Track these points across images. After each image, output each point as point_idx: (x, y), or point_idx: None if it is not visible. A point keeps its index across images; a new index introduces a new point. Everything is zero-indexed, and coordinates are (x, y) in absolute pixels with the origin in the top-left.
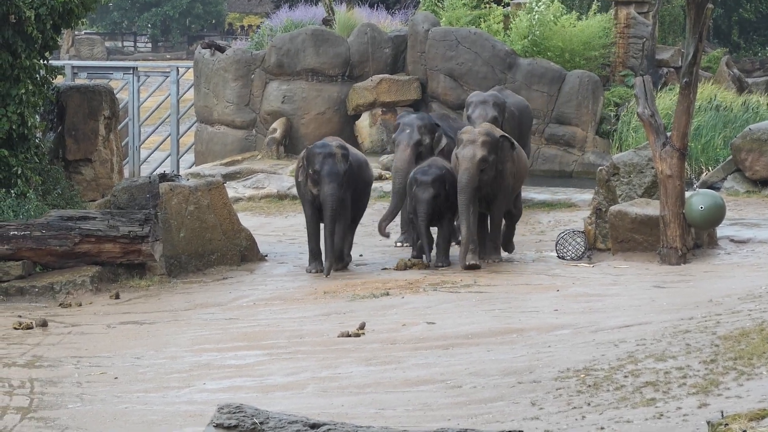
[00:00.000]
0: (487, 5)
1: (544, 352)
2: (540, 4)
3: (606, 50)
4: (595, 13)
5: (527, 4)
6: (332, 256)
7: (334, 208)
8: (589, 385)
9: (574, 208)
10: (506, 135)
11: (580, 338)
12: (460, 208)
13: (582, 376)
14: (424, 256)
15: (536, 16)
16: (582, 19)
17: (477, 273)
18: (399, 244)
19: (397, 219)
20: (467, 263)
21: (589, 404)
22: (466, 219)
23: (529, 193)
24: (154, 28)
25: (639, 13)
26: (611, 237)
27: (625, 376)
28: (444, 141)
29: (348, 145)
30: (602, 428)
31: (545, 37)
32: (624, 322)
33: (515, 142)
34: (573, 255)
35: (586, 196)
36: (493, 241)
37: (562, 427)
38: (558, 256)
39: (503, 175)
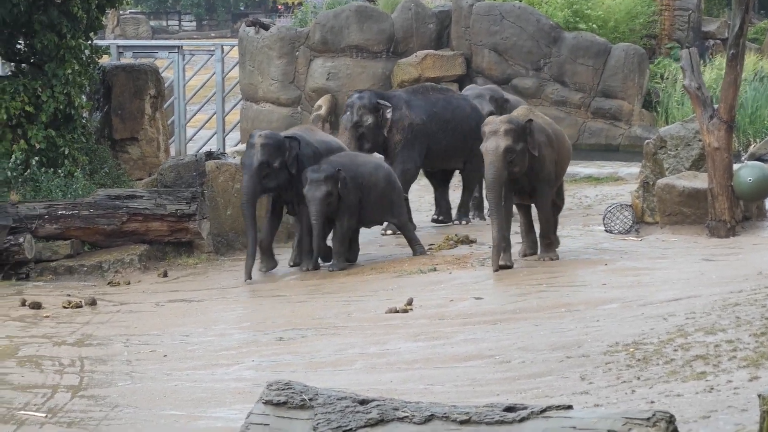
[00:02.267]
0: None
1: (593, 326)
2: None
3: (650, 20)
4: None
5: None
6: (251, 254)
7: (243, 201)
8: (639, 359)
9: (621, 182)
10: (533, 119)
11: (629, 312)
12: (489, 205)
13: (631, 350)
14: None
15: None
16: None
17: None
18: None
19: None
20: (499, 264)
21: (638, 378)
22: (497, 218)
23: (575, 167)
24: (199, 7)
25: None
26: (659, 210)
27: (675, 350)
28: (388, 117)
29: (301, 136)
30: (652, 402)
31: (588, 7)
32: (673, 295)
33: (554, 125)
34: (620, 229)
35: (633, 169)
36: (546, 238)
37: (611, 401)
38: (605, 230)
39: (542, 162)
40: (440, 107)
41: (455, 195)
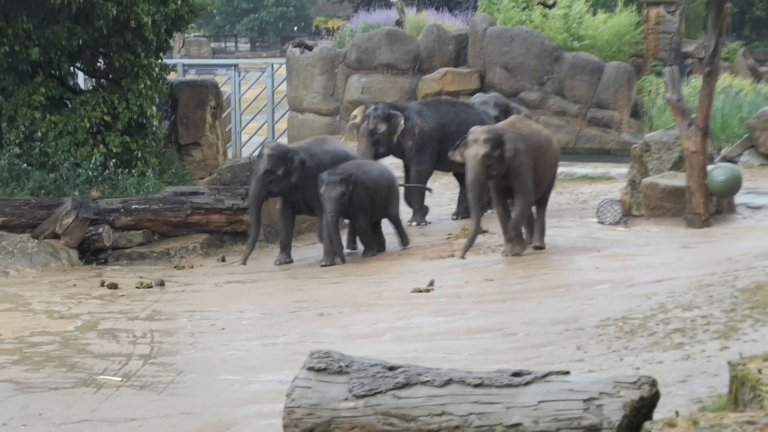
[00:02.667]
0: (535, 7)
1: (587, 303)
2: (569, 4)
3: (635, 41)
4: (620, 10)
5: (560, 2)
6: (250, 244)
7: (249, 203)
8: (626, 332)
9: (612, 181)
10: (512, 129)
11: (618, 292)
12: (470, 205)
13: (620, 324)
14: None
15: (569, 12)
16: (611, 17)
17: (529, 236)
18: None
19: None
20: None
21: (626, 348)
22: (475, 216)
23: (573, 167)
24: (252, 31)
25: (667, 12)
26: (644, 205)
27: (657, 324)
28: (400, 126)
29: (306, 148)
30: (638, 368)
31: (579, 31)
32: (655, 277)
33: (541, 132)
34: (611, 221)
35: (622, 170)
36: (514, 230)
37: (603, 367)
38: (598, 222)
39: (519, 168)
40: (448, 118)
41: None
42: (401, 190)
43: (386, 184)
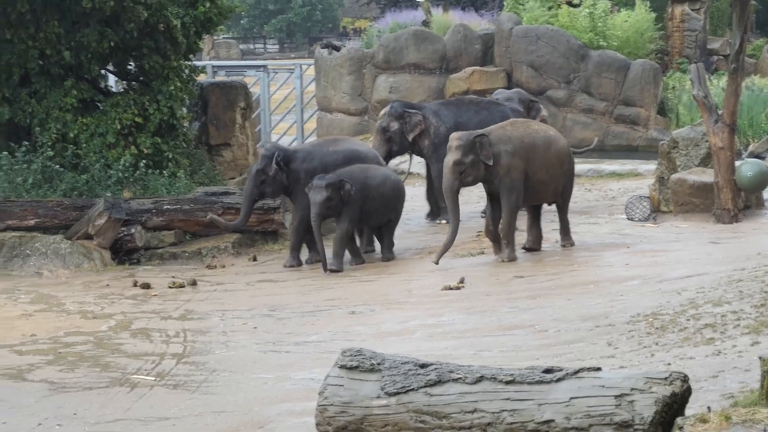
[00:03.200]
0: (560, 6)
1: (618, 300)
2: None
3: (658, 37)
4: (639, 8)
5: (585, 1)
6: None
7: (242, 202)
8: (657, 328)
9: (640, 177)
10: (485, 133)
11: (648, 288)
12: (449, 210)
13: (650, 320)
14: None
15: (594, 11)
16: (630, 15)
17: (558, 233)
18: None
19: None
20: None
21: (657, 344)
22: (451, 222)
23: (601, 165)
24: (281, 32)
25: (692, 10)
26: (672, 201)
27: (688, 320)
28: (417, 125)
29: (308, 150)
30: (669, 364)
31: (605, 29)
32: (685, 273)
33: (538, 134)
34: (640, 217)
35: (650, 166)
36: (504, 238)
37: (634, 363)
38: (627, 218)
39: (503, 171)
40: (466, 117)
41: None
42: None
43: (386, 191)
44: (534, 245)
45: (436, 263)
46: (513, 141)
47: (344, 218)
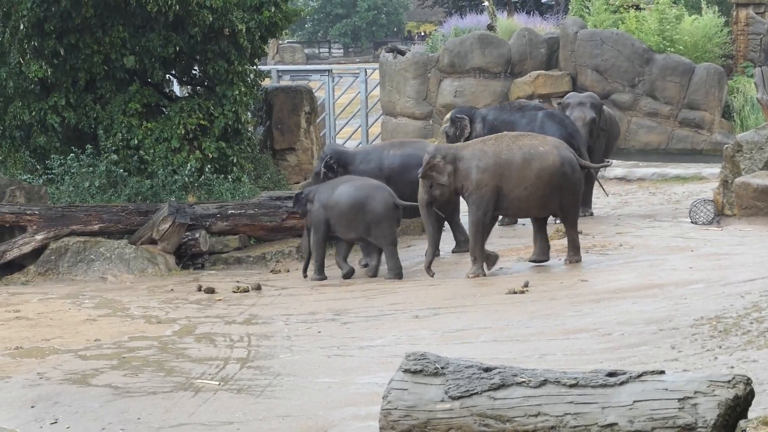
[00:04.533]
0: (626, 9)
1: (681, 303)
2: (665, 5)
3: (723, 43)
4: (706, 12)
5: (655, 5)
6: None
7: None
8: (720, 331)
9: (704, 181)
10: (444, 146)
11: (712, 291)
12: (424, 223)
13: (714, 323)
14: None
15: (665, 16)
16: (697, 19)
17: (623, 237)
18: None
19: None
20: (429, 273)
21: (720, 347)
22: (428, 235)
23: (665, 168)
24: (346, 37)
25: (756, 13)
26: (737, 204)
27: (751, 323)
28: (466, 129)
29: (365, 152)
30: (732, 367)
31: (673, 34)
32: (749, 276)
33: (518, 151)
34: (704, 220)
35: (715, 170)
36: (471, 254)
37: (698, 366)
38: (691, 222)
39: (469, 187)
40: (500, 121)
41: None
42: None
43: (351, 206)
44: (539, 257)
45: (431, 276)
46: (487, 157)
47: (312, 231)
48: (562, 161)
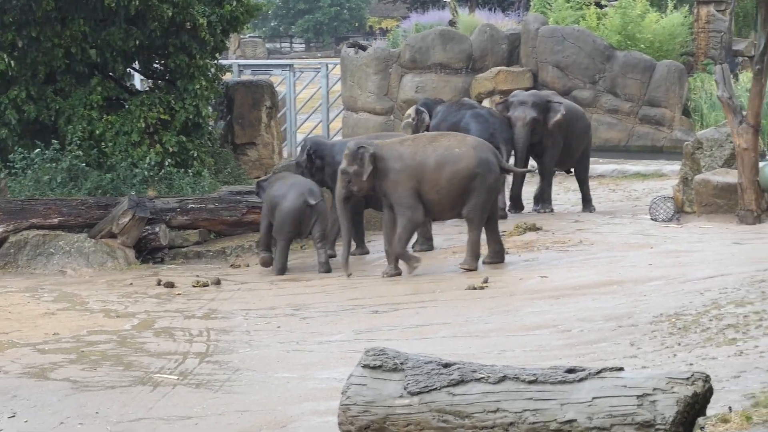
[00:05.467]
0: (587, 6)
1: (641, 300)
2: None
3: (686, 41)
4: (671, 10)
5: (618, 3)
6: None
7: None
8: (680, 328)
9: (665, 178)
10: (365, 142)
11: (671, 288)
12: (339, 219)
13: (673, 320)
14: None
15: (627, 12)
16: (663, 17)
17: (583, 234)
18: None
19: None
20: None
21: (679, 344)
22: (342, 230)
23: (625, 165)
24: (307, 32)
25: (717, 11)
26: (696, 201)
27: (710, 320)
28: (425, 121)
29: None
30: (691, 364)
31: (636, 32)
32: (708, 273)
33: (433, 152)
34: (664, 217)
35: (675, 167)
36: (393, 252)
37: (656, 363)
38: (651, 219)
39: (389, 187)
40: (439, 119)
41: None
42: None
43: (273, 201)
44: (493, 259)
45: (348, 276)
46: (403, 158)
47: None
48: (477, 163)
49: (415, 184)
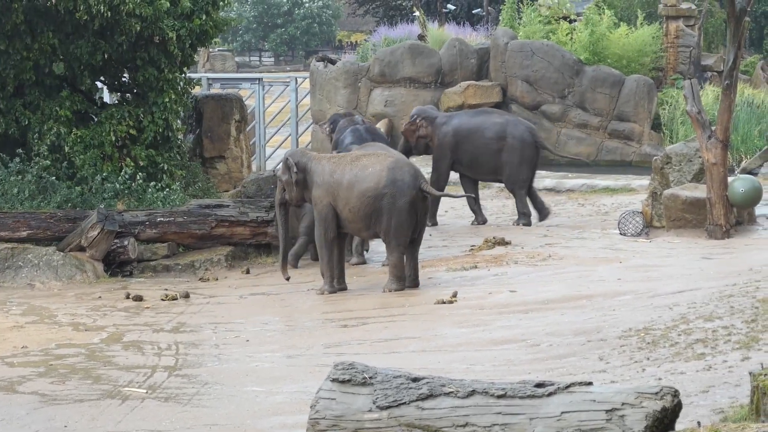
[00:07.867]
0: (557, 21)
1: (610, 314)
2: (595, 17)
3: (656, 56)
4: (641, 24)
5: (585, 17)
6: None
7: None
8: (648, 343)
9: (633, 192)
10: (300, 153)
11: (640, 302)
12: (276, 224)
13: (642, 334)
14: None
15: (594, 28)
16: (632, 31)
17: (552, 248)
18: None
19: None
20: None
21: (648, 359)
22: (279, 234)
23: (594, 179)
24: (282, 46)
25: (686, 26)
26: (665, 216)
27: (679, 335)
28: (331, 135)
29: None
30: (660, 379)
31: (604, 47)
32: (677, 288)
33: (352, 171)
34: (633, 232)
35: (644, 181)
36: (321, 271)
37: (625, 378)
38: (620, 233)
39: (312, 199)
40: (340, 135)
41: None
42: None
43: None
44: (411, 283)
45: (287, 280)
46: (324, 174)
47: None
48: (387, 183)
49: (331, 201)
